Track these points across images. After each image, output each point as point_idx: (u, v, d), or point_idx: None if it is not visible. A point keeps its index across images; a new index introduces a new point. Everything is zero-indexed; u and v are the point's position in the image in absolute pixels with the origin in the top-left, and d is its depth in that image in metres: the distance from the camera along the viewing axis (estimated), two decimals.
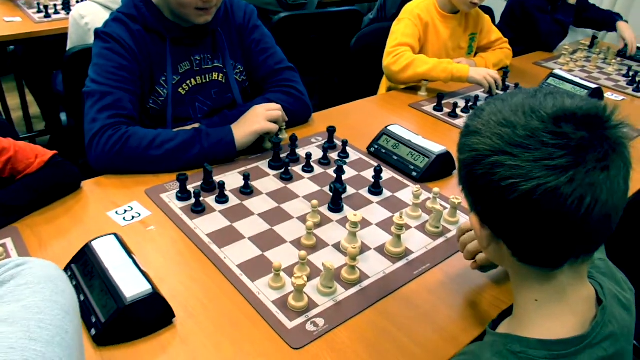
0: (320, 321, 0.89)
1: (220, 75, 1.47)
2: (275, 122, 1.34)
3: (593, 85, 1.88)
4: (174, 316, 0.87)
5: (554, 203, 0.56)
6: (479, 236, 0.67)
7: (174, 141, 1.24)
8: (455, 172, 1.36)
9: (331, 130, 1.41)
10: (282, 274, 0.95)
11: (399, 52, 1.84)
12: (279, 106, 1.38)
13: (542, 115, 0.59)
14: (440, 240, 1.11)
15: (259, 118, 1.33)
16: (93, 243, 0.92)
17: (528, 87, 0.69)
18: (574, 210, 0.56)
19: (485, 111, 0.64)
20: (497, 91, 1.80)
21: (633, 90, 2.06)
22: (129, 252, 0.92)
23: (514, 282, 0.70)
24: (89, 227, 1.06)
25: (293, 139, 1.34)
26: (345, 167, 1.23)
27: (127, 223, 1.09)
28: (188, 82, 1.42)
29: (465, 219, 1.17)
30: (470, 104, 1.76)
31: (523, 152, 0.58)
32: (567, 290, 0.65)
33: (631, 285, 0.77)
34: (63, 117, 2.01)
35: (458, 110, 1.72)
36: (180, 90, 1.41)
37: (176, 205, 1.15)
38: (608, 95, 1.97)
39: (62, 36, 2.10)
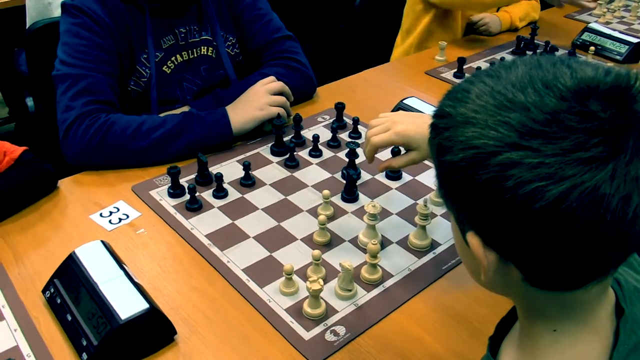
0: (341, 329, 0.88)
1: (210, 49, 1.45)
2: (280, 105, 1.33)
3: (634, 40, 1.85)
4: (175, 333, 0.86)
5: (593, 208, 0.47)
6: (478, 263, 0.56)
7: (162, 128, 1.23)
8: None
9: (340, 107, 1.39)
10: (294, 277, 0.94)
11: None
12: (281, 84, 1.36)
13: (561, 90, 0.50)
14: None
15: (260, 101, 1.31)
16: (77, 252, 0.91)
17: (560, 46, 0.62)
18: (618, 214, 0.48)
19: (472, 92, 0.54)
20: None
21: None
22: (119, 261, 0.91)
23: (523, 313, 0.62)
24: (70, 234, 1.05)
25: (297, 119, 1.33)
26: (358, 150, 1.21)
27: (113, 227, 1.08)
28: (173, 58, 1.39)
29: None
30: None
31: (545, 143, 0.48)
32: (594, 310, 0.59)
33: None
34: (29, 102, 1.99)
35: None
36: (164, 68, 1.38)
37: (168, 203, 1.14)
38: None
39: (21, 8, 2.07)
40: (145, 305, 0.83)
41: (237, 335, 0.87)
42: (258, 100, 1.32)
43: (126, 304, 0.83)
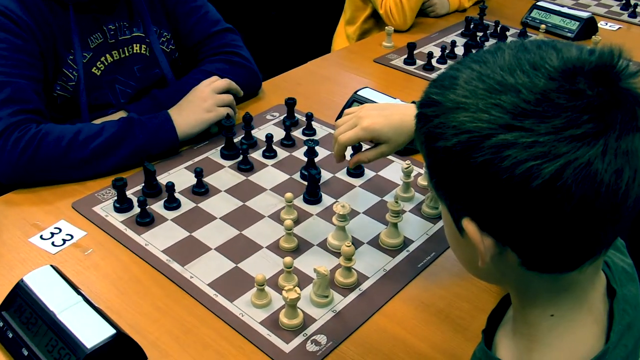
0: (322, 338, 0.92)
1: (143, 46, 1.45)
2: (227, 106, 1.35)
3: (585, 14, 1.98)
4: (145, 358, 0.87)
5: (587, 183, 0.53)
6: (473, 251, 0.61)
7: (101, 137, 1.23)
8: None
9: (291, 103, 1.43)
10: (266, 287, 0.97)
11: None
12: (228, 81, 1.38)
13: (549, 71, 0.55)
14: (442, 222, 1.16)
15: (207, 103, 1.33)
16: (26, 280, 0.91)
17: (510, 25, 0.66)
18: (612, 188, 0.53)
19: (460, 79, 0.59)
20: None
21: (629, 16, 2.17)
22: (74, 286, 0.91)
23: (519, 299, 0.67)
24: (10, 262, 1.04)
25: (247, 119, 1.35)
26: (317, 148, 1.25)
27: (58, 249, 1.07)
28: (103, 59, 1.39)
29: None
30: (447, 51, 1.81)
31: (538, 122, 0.53)
32: (588, 292, 0.64)
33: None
34: None
35: (434, 61, 1.77)
36: (94, 70, 1.38)
37: (116, 219, 1.14)
38: (602, 24, 2.07)
39: None
40: (111, 330, 0.84)
41: (213, 354, 0.90)
42: (204, 102, 1.33)
43: (90, 331, 0.83)
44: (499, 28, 1.93)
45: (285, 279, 0.99)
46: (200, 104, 1.33)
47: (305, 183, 1.22)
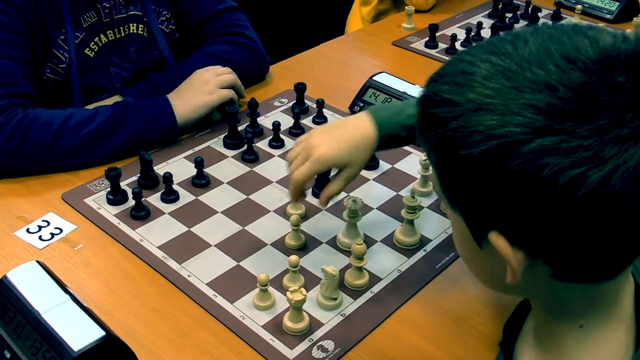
0: (330, 344, 0.92)
1: (140, 26, 1.45)
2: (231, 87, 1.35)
3: None
4: None
5: (637, 187, 0.51)
6: (496, 266, 0.60)
7: (94, 122, 1.23)
8: None
9: (300, 89, 1.42)
10: (270, 288, 0.97)
11: None
12: (234, 77, 1.38)
13: (585, 63, 0.53)
14: None
15: (208, 85, 1.33)
16: (9, 277, 0.91)
17: (542, 6, 0.63)
18: None
19: (477, 74, 0.56)
20: None
21: None
22: (61, 284, 0.91)
23: (545, 311, 0.67)
24: None
25: (253, 105, 1.35)
26: None
27: (45, 244, 1.08)
28: (97, 39, 1.39)
29: None
30: (473, 34, 1.79)
31: (579, 124, 0.51)
32: (620, 299, 0.63)
33: None
34: None
35: (457, 45, 1.75)
36: (87, 51, 1.38)
37: (109, 212, 1.14)
38: None
39: None
40: (100, 332, 0.83)
41: (210, 359, 0.89)
42: (206, 84, 1.33)
43: (77, 333, 0.83)
44: (530, 8, 1.91)
45: (291, 279, 0.99)
46: (201, 86, 1.33)
47: (315, 175, 1.21)
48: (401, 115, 0.99)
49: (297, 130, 1.36)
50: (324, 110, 1.41)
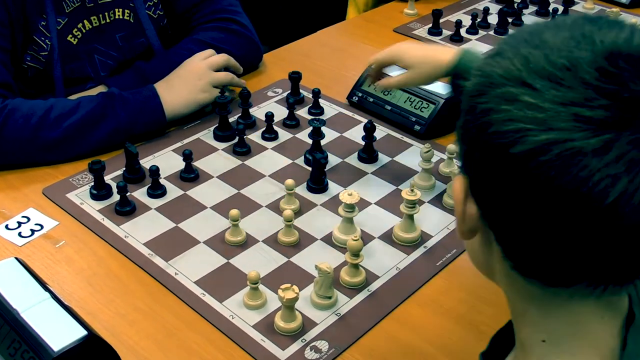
0: (324, 345, 0.93)
1: (126, 11, 1.46)
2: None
3: None
4: None
5: (569, 174, 0.51)
6: (462, 217, 0.63)
7: (77, 114, 1.24)
8: None
9: (295, 78, 1.43)
10: (261, 286, 0.98)
11: None
12: (226, 57, 1.39)
13: (596, 44, 0.54)
14: None
15: (202, 81, 1.34)
16: None
17: None
18: (596, 193, 0.51)
19: (523, 30, 0.61)
20: None
21: None
22: (41, 282, 0.92)
23: (512, 309, 0.68)
24: None
25: (245, 95, 1.36)
26: (322, 128, 1.26)
27: (25, 240, 1.09)
28: (80, 25, 1.40)
29: None
30: (479, 20, 1.80)
31: (550, 87, 0.53)
32: (589, 324, 0.62)
33: None
34: None
35: (462, 31, 1.76)
36: (69, 38, 1.39)
37: (92, 207, 1.15)
38: None
39: None
40: (82, 332, 0.84)
41: None
42: (199, 80, 1.34)
43: (57, 332, 0.84)
44: None
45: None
46: (194, 81, 1.34)
47: (310, 169, 1.22)
48: None
49: (291, 122, 1.37)
50: (320, 100, 1.42)
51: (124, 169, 1.22)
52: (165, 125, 1.33)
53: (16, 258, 0.95)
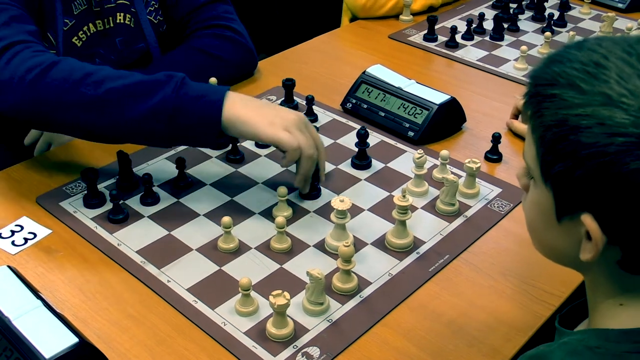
0: (315, 351, 0.94)
1: (128, 16, 1.48)
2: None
3: None
4: None
5: None
6: (570, 241, 0.70)
7: (124, 80, 1.14)
8: (465, 127, 1.43)
9: (289, 85, 1.45)
10: (252, 293, 0.99)
11: None
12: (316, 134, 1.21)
13: None
14: (459, 221, 1.17)
15: (288, 122, 1.14)
16: None
17: None
18: None
19: (610, 70, 0.64)
20: None
21: None
22: (33, 289, 0.93)
23: (595, 291, 0.74)
24: None
25: None
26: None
27: (18, 249, 1.10)
28: (85, 28, 1.42)
29: (486, 188, 1.24)
30: (474, 26, 1.81)
31: None
32: None
33: None
34: None
35: (458, 37, 1.78)
36: (74, 40, 1.41)
37: (86, 215, 1.17)
38: None
39: None
40: (73, 339, 0.85)
41: None
42: (285, 120, 1.15)
43: (49, 339, 0.85)
44: None
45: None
46: (277, 117, 1.15)
47: None
48: None
49: None
50: (314, 107, 1.44)
51: (117, 177, 1.23)
52: (217, 133, 1.13)
53: (9, 266, 0.97)
